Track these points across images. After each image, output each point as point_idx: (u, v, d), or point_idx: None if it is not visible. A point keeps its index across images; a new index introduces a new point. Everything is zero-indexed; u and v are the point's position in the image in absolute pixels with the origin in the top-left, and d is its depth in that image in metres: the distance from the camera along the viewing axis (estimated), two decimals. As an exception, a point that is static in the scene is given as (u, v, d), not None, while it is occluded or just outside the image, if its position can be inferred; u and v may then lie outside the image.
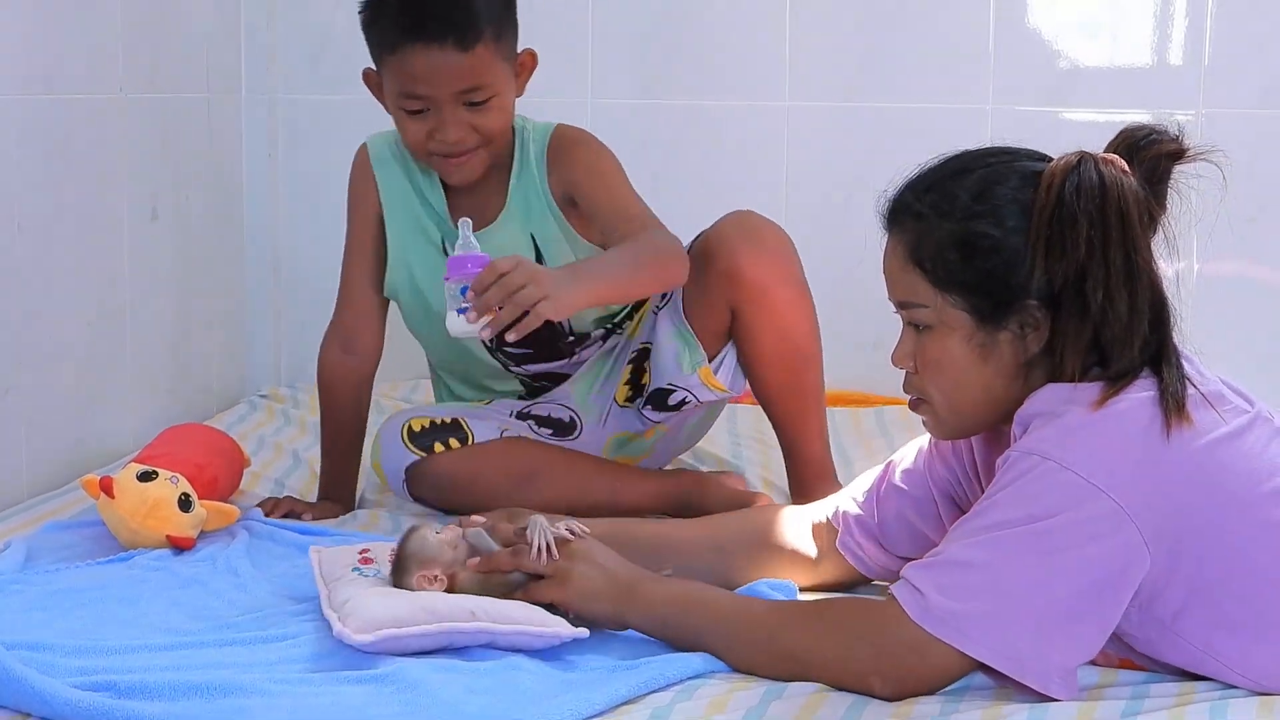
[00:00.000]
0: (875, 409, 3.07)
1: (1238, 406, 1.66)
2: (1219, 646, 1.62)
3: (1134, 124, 1.70)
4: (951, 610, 1.58)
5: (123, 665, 1.63)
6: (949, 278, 1.68)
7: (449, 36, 2.17)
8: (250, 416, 2.98)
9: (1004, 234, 1.66)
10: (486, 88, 2.22)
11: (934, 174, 1.73)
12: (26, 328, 2.43)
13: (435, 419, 2.35)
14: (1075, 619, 1.58)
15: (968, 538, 1.61)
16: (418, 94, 2.22)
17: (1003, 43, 3.13)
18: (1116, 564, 1.57)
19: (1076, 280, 1.63)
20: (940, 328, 1.69)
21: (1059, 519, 1.57)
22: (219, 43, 3.12)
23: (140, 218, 2.79)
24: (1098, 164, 1.64)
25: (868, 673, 1.60)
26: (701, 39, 3.20)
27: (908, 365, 1.74)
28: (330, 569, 1.87)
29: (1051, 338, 1.66)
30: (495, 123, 2.25)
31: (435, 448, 2.32)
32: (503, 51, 2.24)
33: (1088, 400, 1.62)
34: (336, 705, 1.56)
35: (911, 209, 1.71)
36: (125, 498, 2.10)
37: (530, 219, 2.33)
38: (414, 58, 2.20)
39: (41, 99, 2.47)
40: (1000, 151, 1.73)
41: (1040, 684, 1.57)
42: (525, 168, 2.33)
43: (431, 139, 2.24)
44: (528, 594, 1.78)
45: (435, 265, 2.33)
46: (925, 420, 1.78)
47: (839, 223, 3.16)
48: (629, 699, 1.61)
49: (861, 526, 1.96)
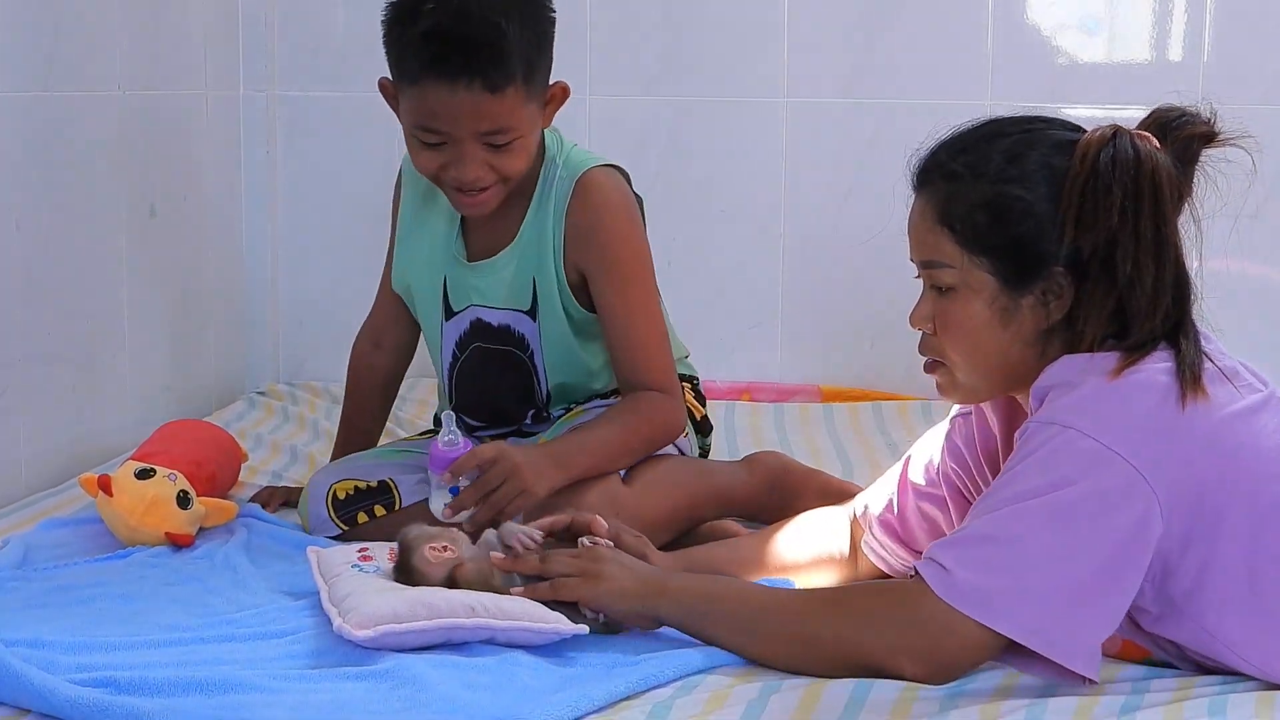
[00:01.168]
0: (873, 404, 3.07)
1: (1252, 384, 1.67)
2: (1227, 628, 1.63)
3: (1166, 104, 1.71)
4: (976, 585, 1.57)
5: (122, 661, 1.63)
6: (977, 239, 1.68)
7: (477, 78, 2.02)
8: (248, 414, 2.98)
9: (1036, 200, 1.66)
10: (511, 130, 2.08)
11: (969, 136, 1.73)
12: (25, 325, 2.43)
13: (361, 483, 2.23)
14: (1100, 591, 1.58)
15: (990, 511, 1.61)
16: (436, 129, 2.08)
17: (1002, 39, 3.13)
18: (1137, 532, 1.58)
19: (1106, 249, 1.64)
20: (963, 289, 1.69)
21: (1080, 486, 1.57)
22: (217, 40, 3.11)
23: (139, 215, 2.79)
24: (1133, 138, 1.65)
25: (897, 652, 1.60)
26: (700, 36, 3.20)
27: (926, 327, 1.74)
28: (329, 567, 1.87)
29: (1074, 306, 1.67)
30: (516, 164, 2.12)
31: (359, 518, 2.21)
32: (534, 92, 2.09)
33: (1105, 369, 1.63)
34: (336, 701, 1.56)
35: (945, 168, 1.71)
36: (123, 496, 2.10)
37: (535, 262, 2.22)
38: (436, 94, 2.04)
39: (39, 96, 2.47)
40: (1035, 119, 1.74)
41: (1067, 659, 1.57)
42: (543, 206, 2.21)
43: (446, 171, 2.12)
44: (557, 591, 1.78)
45: (433, 274, 2.30)
46: (939, 382, 1.78)
47: (837, 219, 3.16)
48: (628, 695, 1.61)
49: (883, 526, 1.96)
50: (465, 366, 2.31)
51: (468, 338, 2.30)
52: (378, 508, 2.22)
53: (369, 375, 2.43)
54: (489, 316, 2.27)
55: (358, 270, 3.22)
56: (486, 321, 2.28)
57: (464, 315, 2.29)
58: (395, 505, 2.22)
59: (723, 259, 3.24)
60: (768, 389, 3.20)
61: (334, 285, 3.28)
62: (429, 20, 2.04)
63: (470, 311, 2.28)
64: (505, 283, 2.24)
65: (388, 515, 2.20)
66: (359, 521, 2.21)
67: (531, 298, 2.24)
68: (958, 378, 1.74)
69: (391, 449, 2.38)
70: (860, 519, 2.00)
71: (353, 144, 3.25)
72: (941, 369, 1.75)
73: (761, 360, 3.24)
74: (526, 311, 2.25)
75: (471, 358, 2.31)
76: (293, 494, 2.36)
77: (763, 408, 3.08)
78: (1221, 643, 1.63)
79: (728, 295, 3.24)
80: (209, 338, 3.10)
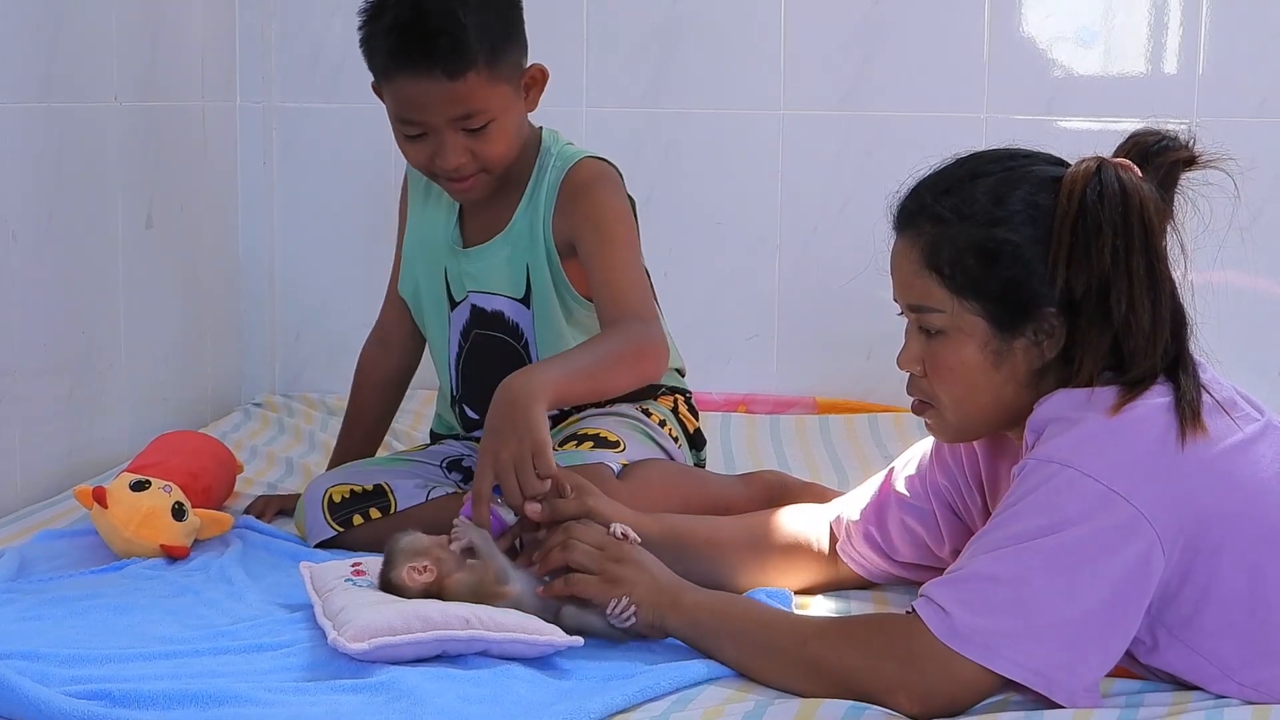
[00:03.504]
0: (869, 416, 3.07)
1: (1249, 414, 1.66)
2: (1224, 654, 1.62)
3: (1144, 129, 1.69)
4: (977, 628, 1.56)
5: (117, 674, 1.63)
6: (967, 284, 1.66)
7: (437, 65, 2.10)
8: (245, 425, 2.98)
9: (1024, 241, 1.64)
10: (482, 113, 2.14)
11: (950, 175, 1.70)
12: (20, 335, 2.43)
13: (357, 486, 2.26)
14: (1101, 631, 1.57)
15: (990, 550, 1.59)
16: (413, 119, 2.16)
17: (997, 52, 3.14)
18: (1138, 571, 1.57)
19: (1099, 288, 1.61)
20: (954, 333, 1.67)
21: (1081, 528, 1.56)
22: (214, 50, 3.12)
23: (135, 225, 2.79)
24: (1118, 171, 1.62)
25: (894, 689, 1.58)
26: (696, 48, 3.20)
27: (915, 369, 1.72)
28: (322, 581, 1.87)
29: (1068, 344, 1.65)
30: (495, 148, 2.18)
31: (354, 520, 2.23)
32: (502, 73, 2.15)
33: (1103, 406, 1.61)
34: (331, 713, 1.55)
35: (929, 211, 1.68)
36: (118, 508, 2.09)
37: (528, 249, 2.28)
38: (404, 86, 2.14)
39: (36, 107, 2.47)
40: (1016, 154, 1.71)
41: (1068, 700, 1.56)
42: (536, 195, 2.27)
43: (433, 162, 2.19)
44: (572, 587, 1.78)
45: (435, 266, 2.34)
46: (929, 424, 1.76)
47: (834, 231, 3.17)
48: (624, 708, 1.60)
49: (861, 534, 1.96)
50: (470, 354, 2.35)
51: (469, 324, 2.34)
52: (373, 510, 2.24)
53: (372, 376, 2.47)
54: (483, 302, 2.32)
55: (355, 281, 3.23)
56: (482, 308, 2.32)
57: (465, 304, 2.34)
58: (390, 509, 2.24)
59: (719, 271, 3.24)
60: (764, 401, 3.20)
61: (331, 296, 3.28)
62: (390, 16, 2.14)
63: (469, 299, 2.33)
64: (498, 268, 2.28)
65: (383, 518, 2.22)
66: (354, 524, 2.23)
67: (525, 285, 2.29)
68: (949, 419, 1.72)
69: (388, 458, 2.41)
70: (835, 525, 1.99)
71: (350, 155, 3.25)
72: (931, 410, 1.74)
73: (758, 372, 3.25)
74: (521, 299, 2.29)
75: (474, 345, 2.34)
76: (288, 502, 2.37)
77: (759, 420, 3.08)
78: (1218, 668, 1.63)
79: (724, 307, 3.25)
80: (206, 348, 3.10)
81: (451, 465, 2.38)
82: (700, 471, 2.38)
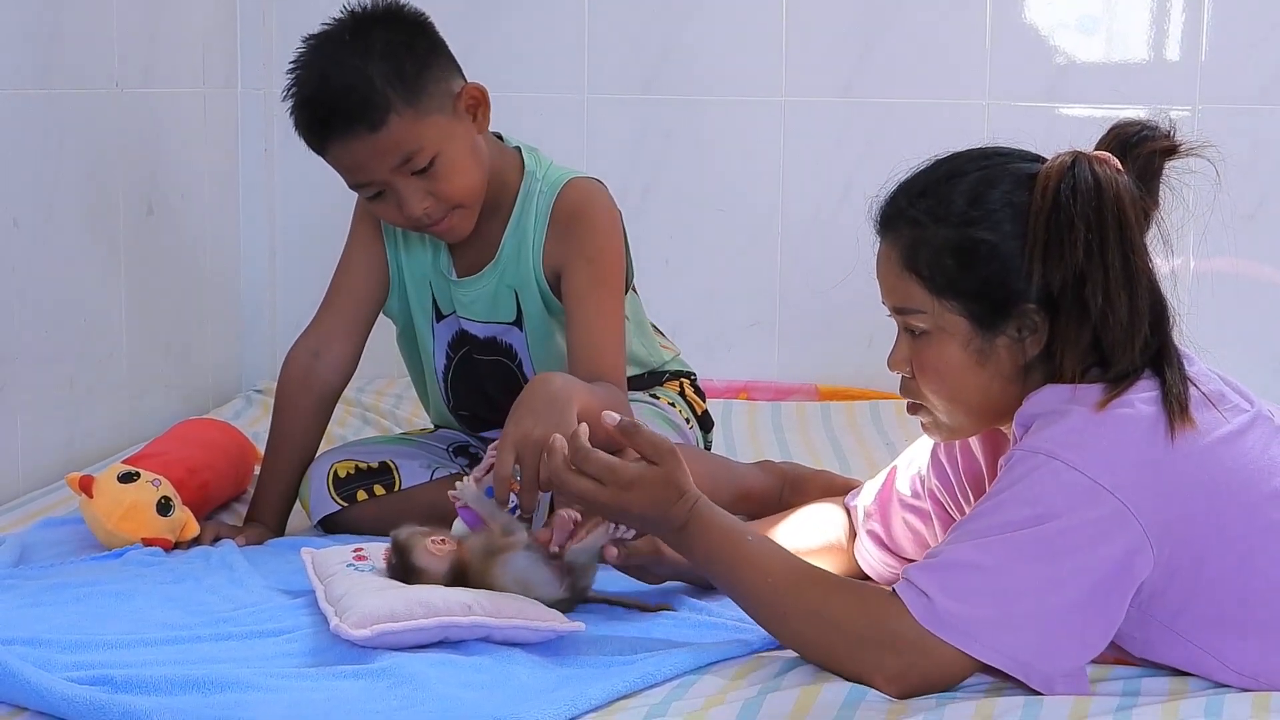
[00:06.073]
0: (870, 403, 3.07)
1: (1237, 405, 1.66)
2: (1218, 645, 1.62)
3: (1125, 119, 1.69)
4: (958, 614, 1.57)
5: (118, 660, 1.63)
6: (946, 284, 1.66)
7: (355, 124, 2.07)
8: (245, 412, 2.98)
9: (1001, 239, 1.64)
10: (421, 151, 2.09)
11: (927, 178, 1.70)
12: (21, 323, 2.42)
13: (362, 463, 2.25)
14: (1082, 622, 1.58)
15: (973, 538, 1.60)
16: (360, 181, 2.14)
17: (999, 38, 3.13)
18: (1122, 564, 1.57)
19: (1075, 283, 1.61)
20: (937, 333, 1.68)
21: (1065, 520, 1.56)
22: (215, 38, 3.11)
23: (136, 213, 2.79)
24: (1092, 164, 1.62)
25: (872, 669, 1.59)
26: (697, 34, 3.20)
27: (904, 370, 1.73)
28: (324, 567, 1.87)
29: (1050, 340, 1.65)
30: (454, 182, 2.12)
31: (359, 495, 2.23)
32: (429, 106, 2.10)
33: (1091, 401, 1.61)
34: (333, 700, 1.56)
35: (906, 215, 1.69)
36: (102, 499, 2.07)
37: (514, 275, 2.24)
38: (336, 153, 2.12)
39: (37, 94, 2.47)
40: (993, 153, 1.71)
41: (1045, 687, 1.57)
42: (523, 221, 2.23)
43: (402, 214, 2.15)
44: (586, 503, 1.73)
45: (423, 286, 2.31)
46: (923, 423, 1.77)
47: (835, 218, 3.16)
48: (626, 693, 1.61)
49: (870, 535, 1.96)
50: (458, 370, 2.33)
51: (458, 343, 2.32)
52: (377, 487, 2.24)
53: (301, 392, 2.26)
54: (474, 329, 2.30)
55: (355, 268, 3.22)
56: (473, 334, 2.30)
57: (452, 320, 2.31)
58: (395, 486, 2.25)
59: (720, 258, 3.24)
60: (765, 388, 3.20)
61: (331, 283, 3.27)
62: (301, 93, 2.13)
63: (454, 320, 2.31)
64: (486, 299, 2.26)
65: (387, 495, 2.23)
66: (358, 499, 2.23)
67: (515, 310, 2.27)
68: (940, 419, 1.73)
69: (394, 437, 2.42)
70: (852, 517, 2.00)
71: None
72: (924, 410, 1.74)
73: (759, 359, 3.25)
74: (512, 323, 2.28)
75: (463, 364, 2.33)
76: (223, 529, 2.22)
77: (760, 407, 3.08)
78: (1216, 660, 1.63)
79: (725, 294, 3.24)
80: (206, 335, 3.10)
81: (458, 450, 2.38)
82: (723, 458, 2.39)
